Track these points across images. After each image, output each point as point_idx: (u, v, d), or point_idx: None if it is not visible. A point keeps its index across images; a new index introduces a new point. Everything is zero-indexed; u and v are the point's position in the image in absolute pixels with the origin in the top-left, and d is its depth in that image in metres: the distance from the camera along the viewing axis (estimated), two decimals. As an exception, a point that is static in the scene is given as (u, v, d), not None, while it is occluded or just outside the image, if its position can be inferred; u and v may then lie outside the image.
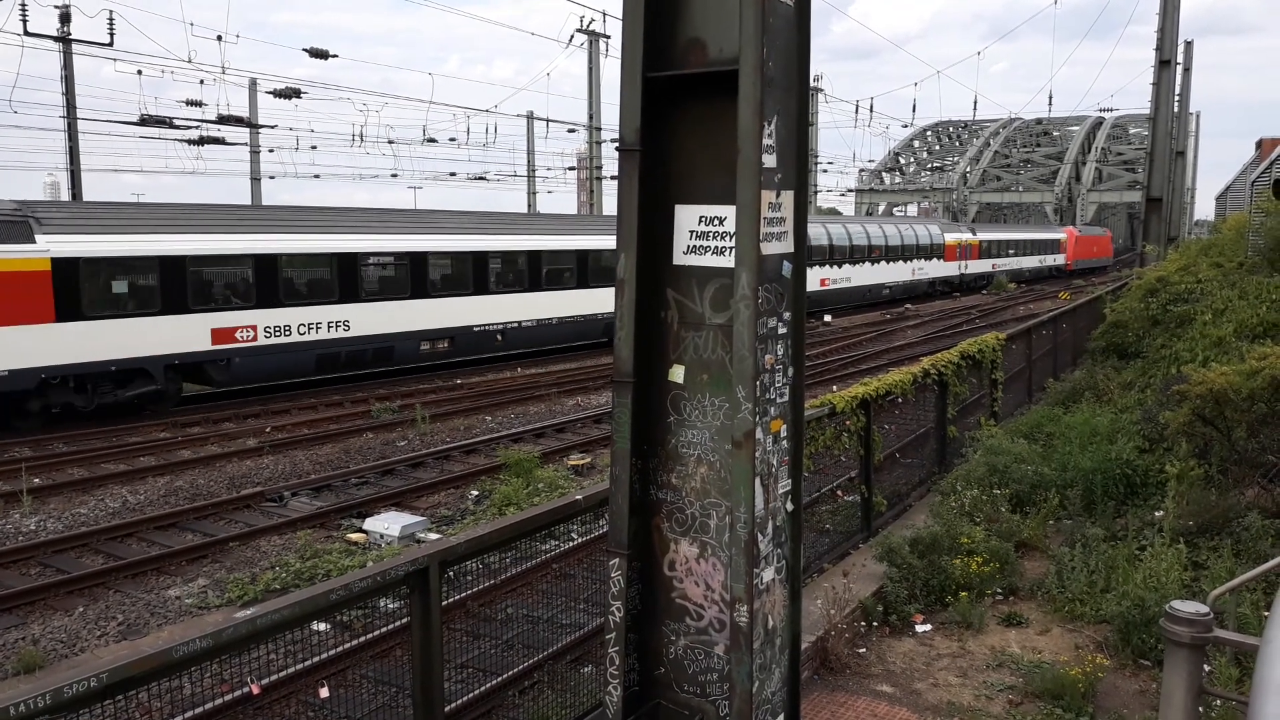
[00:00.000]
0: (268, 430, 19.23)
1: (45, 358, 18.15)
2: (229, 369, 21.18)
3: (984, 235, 60.33)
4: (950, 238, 55.02)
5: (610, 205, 50.66)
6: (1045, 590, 8.27)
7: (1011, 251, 63.70)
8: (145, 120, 34.33)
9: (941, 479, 11.11)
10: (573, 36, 44.19)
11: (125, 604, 10.50)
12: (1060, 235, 73.90)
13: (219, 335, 20.86)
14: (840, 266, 43.29)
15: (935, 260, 52.94)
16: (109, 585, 10.99)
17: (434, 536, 12.31)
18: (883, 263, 46.96)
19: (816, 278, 40.89)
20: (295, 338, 22.29)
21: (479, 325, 26.45)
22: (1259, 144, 38.95)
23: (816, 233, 41.30)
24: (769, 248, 3.88)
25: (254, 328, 21.43)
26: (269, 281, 21.77)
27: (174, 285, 20.17)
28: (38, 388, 18.23)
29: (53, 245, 18.33)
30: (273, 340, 21.81)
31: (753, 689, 3.96)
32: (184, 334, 20.25)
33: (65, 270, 18.40)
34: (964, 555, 8.40)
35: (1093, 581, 8.04)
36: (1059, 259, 72.32)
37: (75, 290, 18.56)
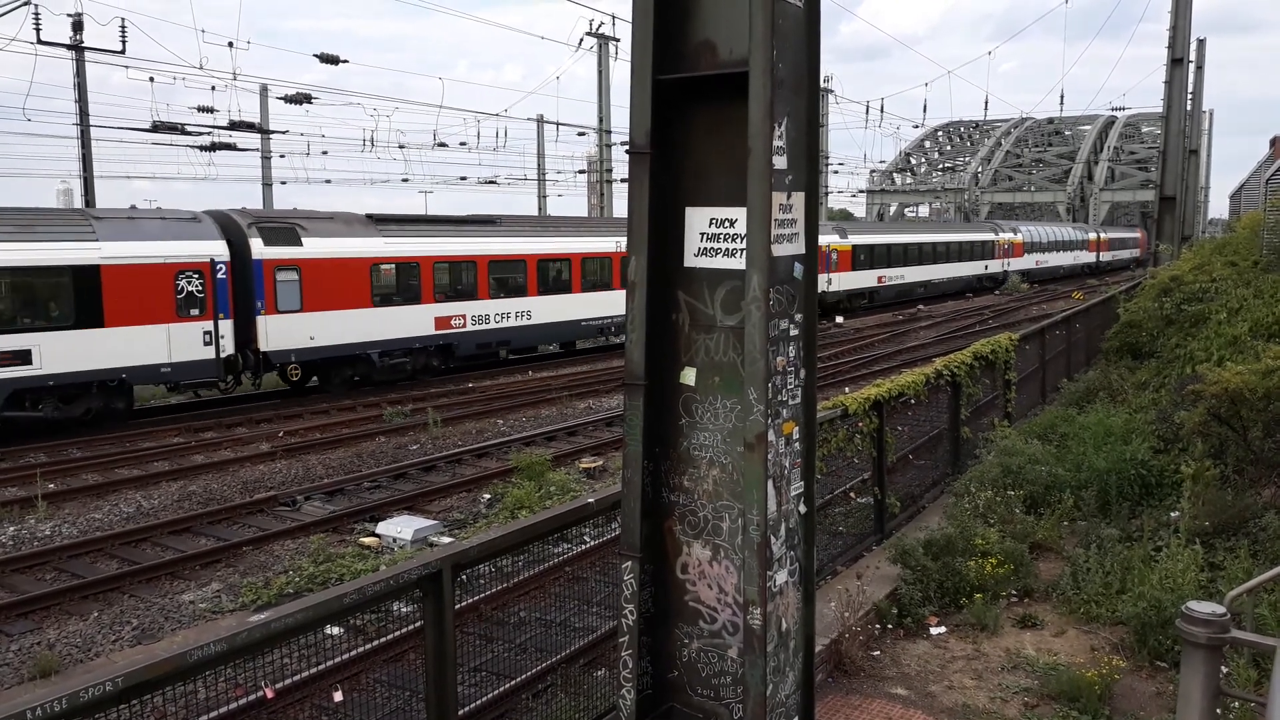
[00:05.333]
0: (280, 435, 19.30)
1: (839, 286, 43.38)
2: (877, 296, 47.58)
3: (1104, 235, 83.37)
4: (1089, 236, 78.52)
5: (621, 208, 50.65)
6: (1060, 592, 8.22)
7: (1117, 245, 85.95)
8: (157, 127, 34.50)
9: (955, 480, 11.05)
10: (582, 40, 44.22)
11: (140, 608, 10.54)
12: (1138, 234, 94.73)
13: (878, 279, 47.12)
14: (1045, 253, 67.62)
15: (1085, 251, 76.69)
16: (123, 590, 11.04)
17: (447, 540, 12.32)
18: (1062, 252, 71.52)
19: (1033, 259, 65.28)
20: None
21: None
22: (1273, 141, 38.69)
23: (1037, 231, 67.79)
24: (780, 249, 3.87)
25: (883, 278, 47.82)
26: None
27: (862, 258, 45.63)
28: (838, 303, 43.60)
29: (853, 239, 44.47)
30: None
31: (767, 692, 3.95)
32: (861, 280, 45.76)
33: (856, 251, 44.35)
34: (978, 557, 8.36)
35: (1108, 583, 7.99)
36: (1136, 251, 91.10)
37: (861, 259, 44.80)
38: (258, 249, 21.37)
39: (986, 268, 57.87)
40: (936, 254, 52.29)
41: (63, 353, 18.43)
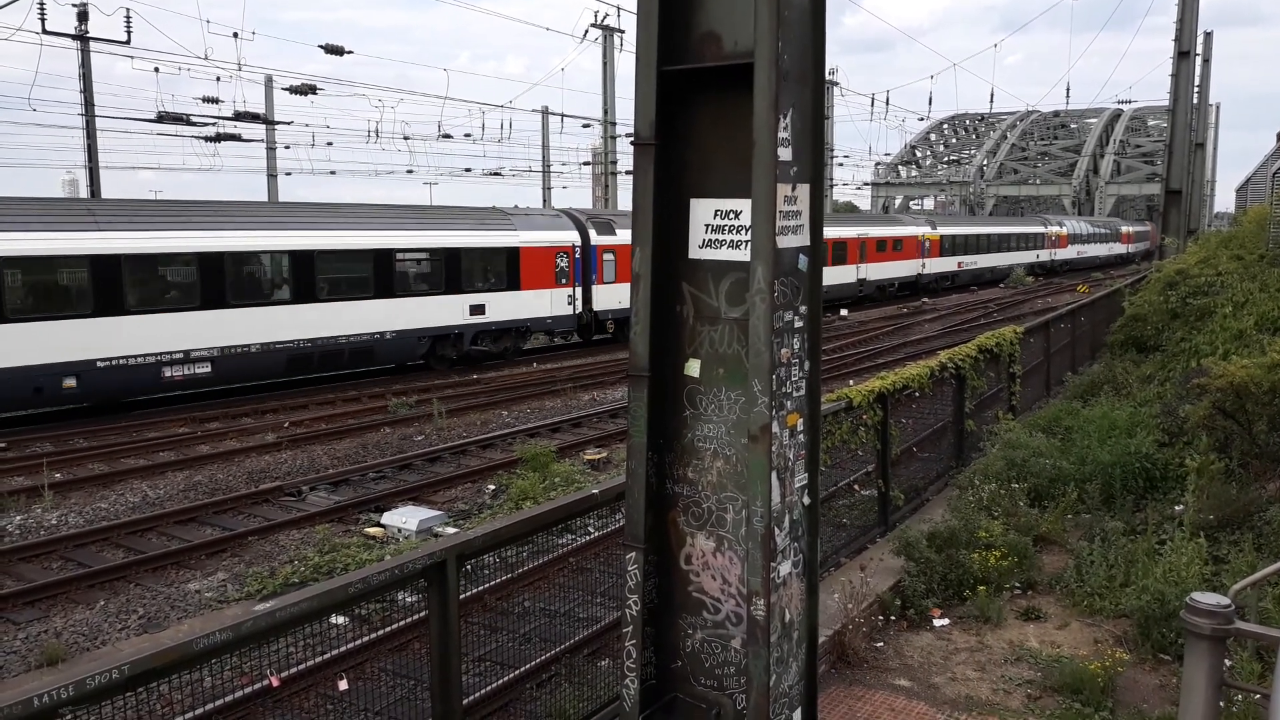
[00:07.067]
0: (286, 425, 19.34)
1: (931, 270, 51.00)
2: (956, 279, 54.28)
3: (1133, 229, 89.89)
4: (1123, 229, 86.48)
5: (625, 200, 50.60)
6: (1064, 584, 8.23)
7: (1139, 238, 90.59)
8: (163, 117, 34.52)
9: (959, 473, 11.05)
10: (587, 31, 44.14)
11: (146, 597, 10.59)
12: (1150, 228, 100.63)
13: (958, 264, 54.44)
14: (1085, 244, 75.51)
15: (1119, 243, 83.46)
16: (129, 579, 11.09)
17: (451, 530, 12.35)
18: (1099, 244, 79.09)
19: (1075, 250, 72.68)
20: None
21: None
22: (1280, 135, 38.48)
23: (1079, 224, 75.98)
24: (785, 241, 3.86)
25: (962, 264, 55.30)
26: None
27: (947, 246, 53.04)
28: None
29: (941, 230, 51.76)
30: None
31: (770, 682, 3.96)
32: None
33: (943, 240, 51.39)
34: (982, 549, 8.36)
35: (1112, 576, 7.99)
36: (1149, 244, 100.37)
37: (946, 248, 52.52)
38: (594, 237, 29.88)
39: (1038, 256, 66.09)
40: (1002, 244, 60.73)
41: (500, 307, 27.03)
